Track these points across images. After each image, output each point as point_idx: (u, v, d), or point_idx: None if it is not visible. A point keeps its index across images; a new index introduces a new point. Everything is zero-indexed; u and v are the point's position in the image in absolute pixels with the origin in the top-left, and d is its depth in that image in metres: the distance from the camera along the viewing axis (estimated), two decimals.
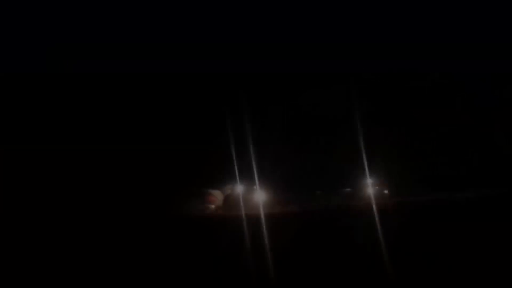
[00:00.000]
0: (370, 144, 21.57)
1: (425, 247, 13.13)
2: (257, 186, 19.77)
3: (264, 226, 15.30)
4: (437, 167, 22.68)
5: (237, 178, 19.62)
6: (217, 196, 22.73)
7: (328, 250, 13.25)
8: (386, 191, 24.73)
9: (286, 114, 22.20)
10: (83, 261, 11.88)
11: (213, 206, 22.50)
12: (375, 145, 21.96)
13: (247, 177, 19.93)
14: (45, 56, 23.05)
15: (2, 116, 22.38)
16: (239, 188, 20.85)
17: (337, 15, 22.44)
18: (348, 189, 25.99)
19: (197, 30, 22.90)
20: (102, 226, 16.49)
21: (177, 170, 23.95)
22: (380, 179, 24.17)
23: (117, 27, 23.33)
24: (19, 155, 22.77)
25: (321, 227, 15.87)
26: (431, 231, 14.21)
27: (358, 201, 23.97)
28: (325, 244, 13.93)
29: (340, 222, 16.87)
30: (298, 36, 22.37)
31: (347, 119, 22.10)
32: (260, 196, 20.24)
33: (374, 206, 19.48)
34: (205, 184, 23.27)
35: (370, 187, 24.25)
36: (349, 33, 22.30)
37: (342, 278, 11.13)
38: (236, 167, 18.97)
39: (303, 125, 22.87)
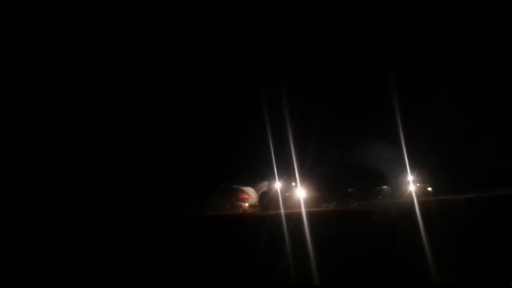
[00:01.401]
0: (412, 141, 20.47)
1: (478, 249, 11.99)
2: (297, 183, 18.60)
3: (307, 226, 14.28)
4: (487, 163, 21.45)
5: (275, 174, 18.46)
6: (249, 194, 21.76)
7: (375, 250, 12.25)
8: (430, 189, 23.40)
9: (325, 108, 21.16)
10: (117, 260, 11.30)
11: (246, 205, 21.40)
12: (418, 142, 20.86)
13: (284, 173, 18.85)
14: None
15: None
16: (277, 185, 19.83)
17: None
18: (384, 187, 24.80)
19: None
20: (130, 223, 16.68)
21: (205, 166, 22.94)
22: (423, 176, 22.88)
23: None
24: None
25: (365, 226, 14.98)
26: (482, 231, 13.18)
27: (397, 199, 22.77)
28: (372, 243, 12.90)
29: (383, 221, 16.02)
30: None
31: (386, 112, 21.10)
32: (301, 194, 19.11)
33: (416, 204, 18.56)
34: (235, 181, 22.25)
35: (411, 184, 22.98)
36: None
37: (385, 277, 10.16)
38: (274, 163, 17.77)
39: (340, 118, 21.90)
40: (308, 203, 18.27)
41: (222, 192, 21.64)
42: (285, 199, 18.68)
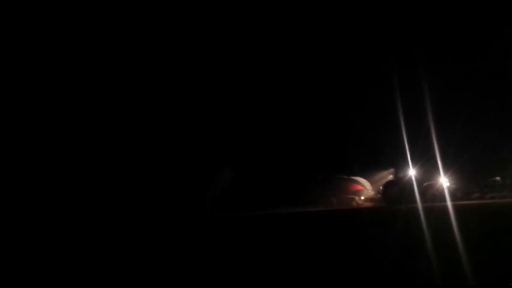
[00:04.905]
0: None
1: None
2: (439, 171, 15.45)
3: (455, 223, 11.77)
4: None
5: (408, 161, 15.37)
6: (364, 185, 19.20)
7: None
8: None
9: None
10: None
11: (362, 198, 18.63)
12: None
13: (418, 160, 15.79)
14: None
15: None
16: (411, 173, 16.63)
17: None
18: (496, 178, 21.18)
19: None
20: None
21: (307, 150, 20.39)
22: None
23: None
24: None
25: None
26: None
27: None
28: None
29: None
30: None
31: None
32: (445, 183, 15.95)
33: None
34: (344, 170, 19.48)
35: None
36: None
37: None
38: (406, 147, 14.72)
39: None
40: (455, 196, 15.35)
41: (323, 184, 19.05)
42: (424, 189, 15.70)
